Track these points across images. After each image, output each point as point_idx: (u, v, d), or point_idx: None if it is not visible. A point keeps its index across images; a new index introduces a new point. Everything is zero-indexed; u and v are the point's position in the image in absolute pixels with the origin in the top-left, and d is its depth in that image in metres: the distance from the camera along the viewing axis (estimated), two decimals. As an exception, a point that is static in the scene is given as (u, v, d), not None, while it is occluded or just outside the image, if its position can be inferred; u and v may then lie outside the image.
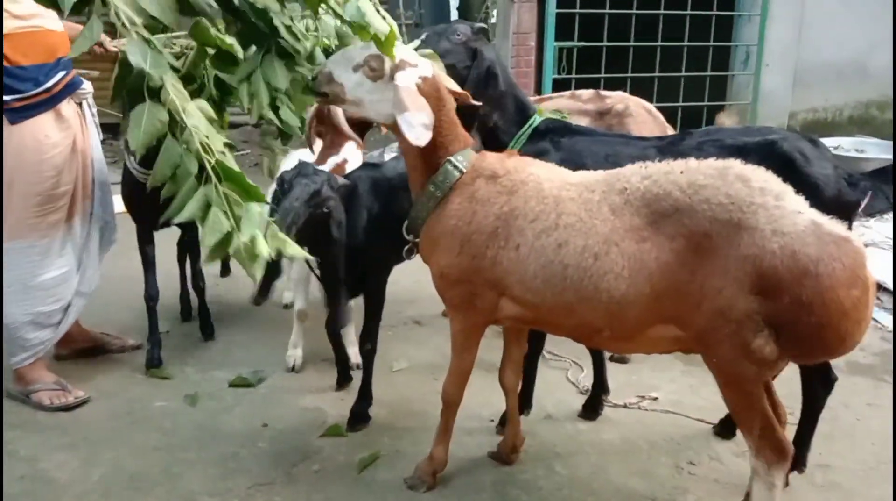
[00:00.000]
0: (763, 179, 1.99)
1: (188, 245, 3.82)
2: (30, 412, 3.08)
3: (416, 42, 2.69)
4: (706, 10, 6.11)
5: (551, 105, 3.92)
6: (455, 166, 2.31)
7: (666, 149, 2.70)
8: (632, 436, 2.96)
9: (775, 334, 1.93)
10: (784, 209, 1.93)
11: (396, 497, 2.59)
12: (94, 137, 3.25)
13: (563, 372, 3.46)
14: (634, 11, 5.90)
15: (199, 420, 3.04)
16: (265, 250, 2.10)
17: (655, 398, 3.23)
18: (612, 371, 3.32)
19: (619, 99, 3.76)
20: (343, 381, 3.31)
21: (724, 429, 2.94)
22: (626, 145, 2.79)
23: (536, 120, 2.87)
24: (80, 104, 3.14)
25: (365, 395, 3.06)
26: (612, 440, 2.94)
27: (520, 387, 2.78)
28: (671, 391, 3.29)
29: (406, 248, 2.55)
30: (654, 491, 2.62)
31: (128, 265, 3.21)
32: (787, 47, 6.89)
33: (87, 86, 3.19)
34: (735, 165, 2.03)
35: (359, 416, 3.02)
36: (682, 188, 2.00)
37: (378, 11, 2.23)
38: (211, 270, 4.29)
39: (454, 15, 12.46)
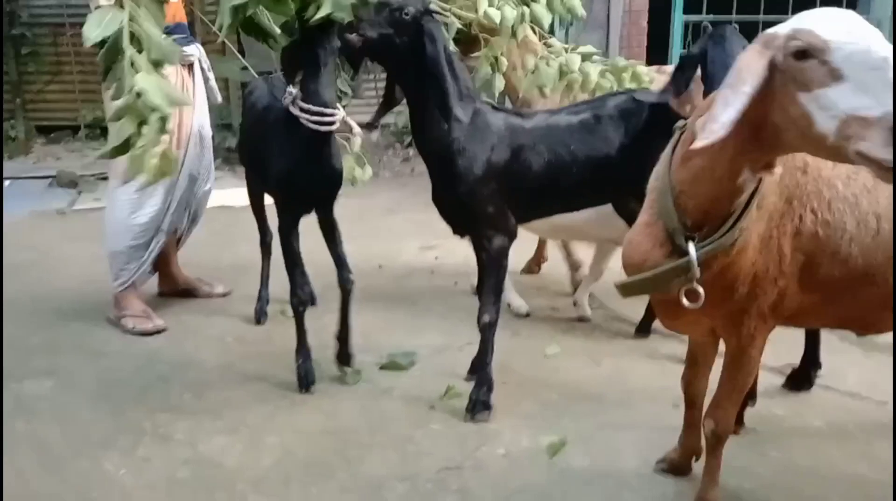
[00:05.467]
0: None
1: (325, 230, 3.10)
2: (176, 396, 2.87)
3: None
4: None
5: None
6: None
7: None
8: (839, 422, 2.68)
9: None
10: None
11: (603, 487, 2.33)
12: (201, 98, 3.61)
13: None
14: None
15: (360, 403, 2.80)
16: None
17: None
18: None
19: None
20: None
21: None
22: None
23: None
24: (190, 67, 3.50)
25: (483, 379, 2.74)
26: (820, 426, 2.66)
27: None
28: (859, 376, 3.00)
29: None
30: (888, 477, 2.34)
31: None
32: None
33: (195, 50, 3.53)
34: None
35: (481, 404, 2.71)
36: None
37: None
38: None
39: None
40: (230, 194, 5.27)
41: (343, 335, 3.03)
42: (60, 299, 3.80)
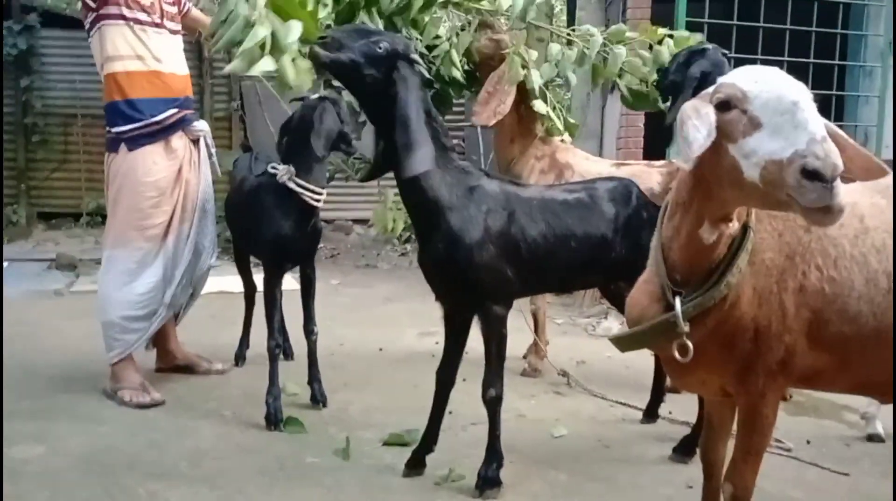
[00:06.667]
0: None
1: (303, 283, 3.46)
2: (171, 464, 2.76)
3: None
4: (826, 89, 6.01)
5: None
6: None
7: None
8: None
9: None
10: None
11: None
12: (206, 171, 3.65)
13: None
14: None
15: (364, 478, 2.69)
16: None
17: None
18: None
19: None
20: None
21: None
22: None
23: None
24: (196, 141, 3.57)
25: (493, 454, 2.62)
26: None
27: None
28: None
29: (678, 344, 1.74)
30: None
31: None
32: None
33: (203, 125, 3.63)
34: None
35: (490, 480, 2.58)
36: None
37: None
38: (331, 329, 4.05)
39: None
40: (229, 280, 5.27)
41: (312, 377, 3.39)
42: (53, 369, 3.73)
